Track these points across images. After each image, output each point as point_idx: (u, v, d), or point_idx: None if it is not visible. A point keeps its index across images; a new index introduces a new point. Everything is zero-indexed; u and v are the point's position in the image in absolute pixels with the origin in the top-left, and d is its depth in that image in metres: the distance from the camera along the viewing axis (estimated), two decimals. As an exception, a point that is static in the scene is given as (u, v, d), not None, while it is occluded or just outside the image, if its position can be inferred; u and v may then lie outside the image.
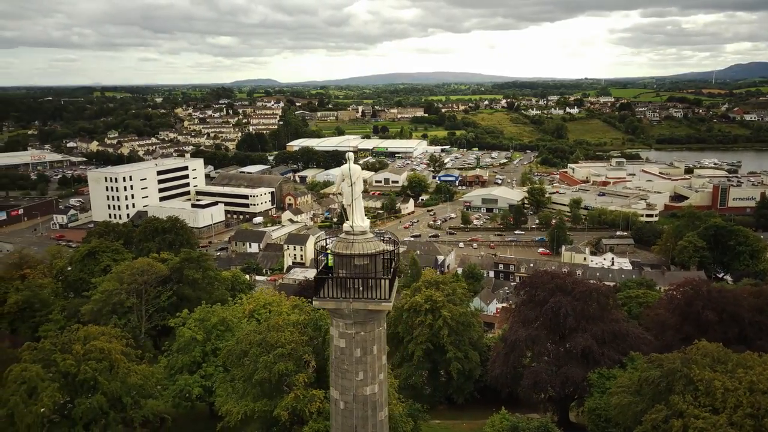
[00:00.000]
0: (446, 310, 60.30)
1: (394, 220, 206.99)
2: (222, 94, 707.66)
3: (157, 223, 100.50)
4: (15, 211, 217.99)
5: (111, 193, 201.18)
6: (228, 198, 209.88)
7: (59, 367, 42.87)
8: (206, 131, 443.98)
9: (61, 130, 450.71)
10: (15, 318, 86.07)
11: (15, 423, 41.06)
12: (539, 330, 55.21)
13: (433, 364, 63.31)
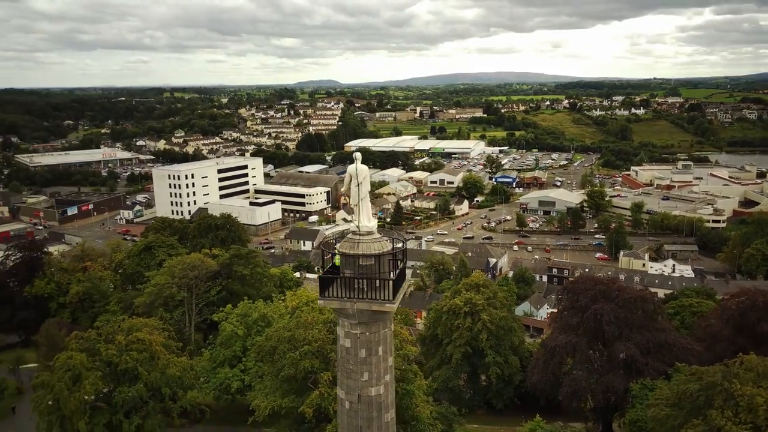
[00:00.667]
0: (486, 314, 59.51)
1: (447, 221, 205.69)
2: (284, 95, 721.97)
3: (211, 219, 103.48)
4: (85, 206, 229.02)
5: (174, 190, 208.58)
6: (285, 197, 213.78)
7: (102, 356, 44.79)
8: (268, 131, 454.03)
9: (132, 129, 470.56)
10: (76, 308, 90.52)
11: (60, 408, 43.22)
12: (580, 337, 53.67)
13: (473, 367, 62.62)
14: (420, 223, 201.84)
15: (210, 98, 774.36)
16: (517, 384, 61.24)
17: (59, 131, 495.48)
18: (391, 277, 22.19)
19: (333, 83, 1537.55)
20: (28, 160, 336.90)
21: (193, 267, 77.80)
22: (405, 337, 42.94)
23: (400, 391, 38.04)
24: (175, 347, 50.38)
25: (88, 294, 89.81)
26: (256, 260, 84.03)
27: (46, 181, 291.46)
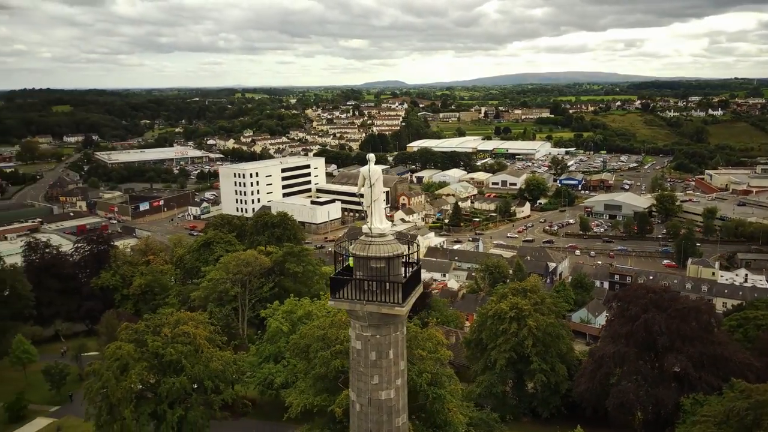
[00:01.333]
0: (532, 320, 58.17)
1: (507, 224, 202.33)
2: (351, 96, 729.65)
3: (267, 217, 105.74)
4: (156, 202, 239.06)
5: (239, 188, 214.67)
6: (345, 196, 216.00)
7: (149, 347, 46.58)
8: (333, 131, 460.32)
9: (204, 129, 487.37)
10: (138, 300, 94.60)
11: (109, 396, 45.23)
12: (629, 347, 51.69)
13: (518, 374, 61.37)
14: (479, 224, 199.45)
15: (279, 99, 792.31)
16: (564, 393, 59.54)
17: (136, 130, 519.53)
18: (401, 280, 22.00)
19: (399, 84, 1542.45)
20: (107, 158, 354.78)
21: (247, 263, 79.76)
22: (439, 340, 42.53)
23: (430, 395, 37.73)
24: (219, 341, 51.78)
25: (150, 287, 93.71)
26: (308, 258, 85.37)
27: (122, 177, 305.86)
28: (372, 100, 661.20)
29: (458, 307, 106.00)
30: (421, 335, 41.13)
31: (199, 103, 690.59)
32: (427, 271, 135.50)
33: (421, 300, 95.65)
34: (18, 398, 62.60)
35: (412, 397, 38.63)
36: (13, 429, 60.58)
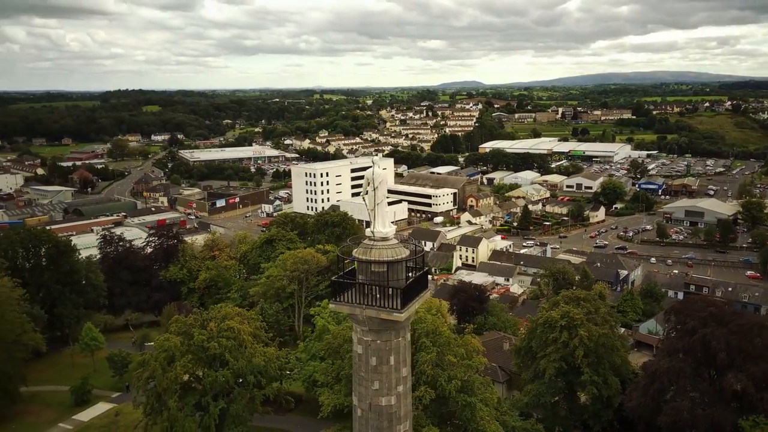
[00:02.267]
0: (584, 330, 55.97)
1: (580, 228, 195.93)
2: (426, 97, 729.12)
3: (328, 216, 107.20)
4: (232, 199, 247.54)
5: (309, 187, 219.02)
6: (412, 197, 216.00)
7: (195, 340, 48.18)
8: (405, 132, 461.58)
9: (281, 129, 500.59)
10: (203, 293, 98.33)
11: (156, 386, 47.17)
12: (685, 363, 48.78)
13: (570, 385, 59.25)
14: (549, 228, 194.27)
15: (356, 100, 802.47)
16: (617, 407, 56.98)
17: (219, 129, 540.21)
18: (400, 285, 21.65)
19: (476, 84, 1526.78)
20: (189, 156, 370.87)
21: (304, 261, 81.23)
22: (475, 347, 41.64)
23: (460, 403, 37.01)
24: (264, 338, 52.88)
25: (214, 281, 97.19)
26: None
27: (202, 175, 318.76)
28: (446, 101, 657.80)
29: (517, 312, 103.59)
30: (455, 341, 40.40)
31: (279, 104, 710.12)
32: (489, 274, 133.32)
33: (478, 304, 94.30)
34: (83, 383, 66.35)
35: (441, 403, 38.17)
36: (77, 411, 64.31)
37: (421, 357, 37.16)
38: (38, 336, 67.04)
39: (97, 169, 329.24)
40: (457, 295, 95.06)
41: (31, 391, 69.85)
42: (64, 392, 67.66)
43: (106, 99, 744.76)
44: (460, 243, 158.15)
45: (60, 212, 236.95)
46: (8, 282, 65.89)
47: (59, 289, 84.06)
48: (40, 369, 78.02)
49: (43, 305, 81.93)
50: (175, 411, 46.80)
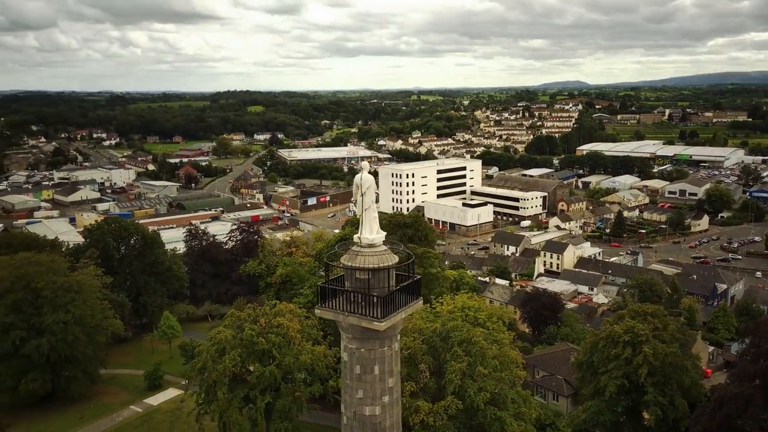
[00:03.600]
0: (649, 347, 52.44)
1: (679, 237, 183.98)
2: (524, 97, 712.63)
3: (400, 217, 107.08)
4: (323, 197, 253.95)
5: (395, 188, 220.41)
6: (500, 199, 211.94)
7: (245, 335, 49.67)
8: (499, 133, 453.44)
9: (376, 129, 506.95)
10: (279, 288, 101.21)
11: (207, 377, 49.10)
12: (757, 389, 44.43)
13: (634, 404, 55.78)
14: (644, 236, 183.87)
15: (452, 100, 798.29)
16: (684, 430, 52.99)
17: (317, 130, 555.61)
18: (382, 293, 21.13)
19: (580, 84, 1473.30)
20: (287, 155, 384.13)
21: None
22: (513, 359, 40.03)
23: (489, 416, 35.73)
24: (315, 336, 53.59)
25: (289, 277, 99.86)
26: (430, 261, 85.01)
27: (298, 173, 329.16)
28: (545, 101, 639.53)
29: (595, 324, 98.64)
30: (489, 352, 38.99)
31: (376, 105, 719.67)
32: (572, 282, 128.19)
33: (551, 313, 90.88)
34: (155, 369, 70.29)
35: (470, 414, 37.01)
36: (148, 395, 68.27)
37: (450, 366, 36.23)
38: (118, 322, 71.68)
39: (201, 166, 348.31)
40: (530, 302, 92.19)
41: (111, 373, 74.88)
42: (140, 376, 71.98)
43: (215, 99, 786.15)
44: (545, 248, 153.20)
45: (165, 206, 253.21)
46: (92, 270, 70.92)
47: (144, 278, 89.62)
48: (123, 353, 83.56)
49: (129, 293, 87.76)
50: (224, 402, 48.56)
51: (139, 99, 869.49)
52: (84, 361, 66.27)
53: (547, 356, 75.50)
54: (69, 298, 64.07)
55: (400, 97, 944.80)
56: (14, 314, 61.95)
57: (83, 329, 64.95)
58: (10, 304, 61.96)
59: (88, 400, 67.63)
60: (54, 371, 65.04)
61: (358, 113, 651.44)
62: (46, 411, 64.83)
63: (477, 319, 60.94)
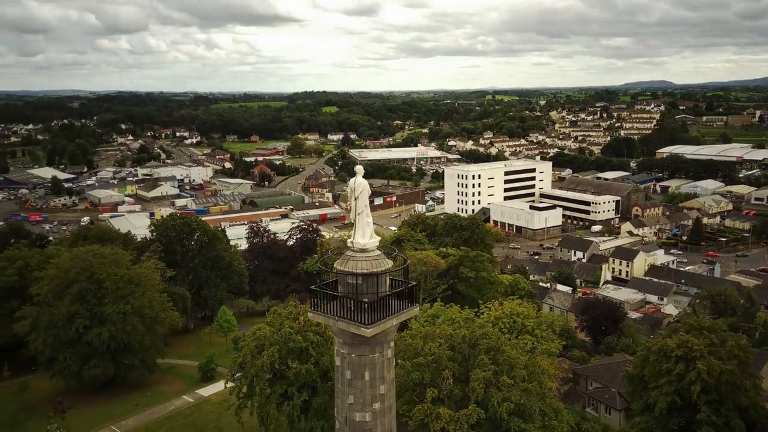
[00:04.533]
0: (703, 363, 49.57)
1: (763, 247, 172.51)
2: (604, 97, 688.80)
3: (457, 220, 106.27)
4: (389, 197, 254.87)
5: (461, 189, 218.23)
6: (569, 203, 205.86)
7: (283, 332, 50.51)
8: (575, 134, 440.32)
9: (447, 130, 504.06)
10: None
11: (246, 372, 50.31)
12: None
13: (685, 422, 52.82)
14: (724, 245, 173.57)
15: (528, 101, 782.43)
16: (741, 455, 49.69)
17: (388, 130, 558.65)
18: (371, 299, 20.90)
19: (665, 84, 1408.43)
20: (357, 155, 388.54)
21: (422, 263, 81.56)
22: (544, 370, 38.68)
23: (513, 428, 34.73)
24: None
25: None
26: (483, 264, 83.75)
27: (367, 173, 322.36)
28: (626, 102, 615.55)
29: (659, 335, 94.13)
30: (519, 363, 37.77)
31: (448, 105, 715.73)
32: (640, 291, 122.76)
33: (611, 323, 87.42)
34: (208, 361, 72.70)
35: (493, 425, 36.05)
36: (201, 387, 70.74)
37: (474, 374, 35.43)
38: (175, 314, 74.65)
39: (275, 165, 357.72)
40: (588, 310, 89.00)
41: (170, 363, 78.11)
42: (196, 368, 74.64)
43: (293, 100, 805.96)
44: (614, 255, 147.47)
45: (238, 203, 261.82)
46: (153, 264, 74.13)
47: (206, 273, 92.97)
48: (184, 344, 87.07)
49: (191, 287, 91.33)
50: (263, 397, 49.65)
51: (222, 99, 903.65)
52: (141, 351, 69.35)
53: (602, 367, 72.69)
54: (129, 290, 67.24)
55: (474, 97, 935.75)
56: (78, 303, 65.60)
57: (141, 320, 67.97)
58: (75, 293, 65.67)
59: (145, 387, 70.79)
60: (114, 359, 68.40)
61: (431, 114, 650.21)
62: (106, 396, 68.35)
63: (525, 326, 59.63)
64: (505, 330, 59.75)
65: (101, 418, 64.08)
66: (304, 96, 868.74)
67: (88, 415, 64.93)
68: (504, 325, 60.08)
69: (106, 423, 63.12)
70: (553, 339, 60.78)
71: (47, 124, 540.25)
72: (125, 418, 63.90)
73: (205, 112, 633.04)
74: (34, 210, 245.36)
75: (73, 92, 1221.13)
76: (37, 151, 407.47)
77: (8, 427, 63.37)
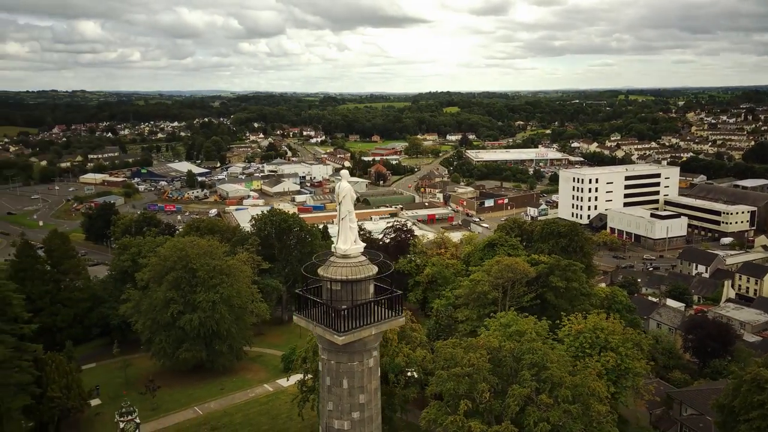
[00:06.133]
0: (802, 400, 43.80)
1: None
2: (752, 98, 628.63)
3: (554, 226, 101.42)
4: (501, 199, 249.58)
5: (576, 193, 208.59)
6: (697, 212, 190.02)
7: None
8: (713, 138, 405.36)
9: (571, 131, 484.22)
10: (426, 288, 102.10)
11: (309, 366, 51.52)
12: None
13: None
14: None
15: (665, 101, 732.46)
16: None
17: (509, 131, 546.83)
18: (346, 306, 20.53)
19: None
20: (474, 155, 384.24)
21: (510, 269, 78.95)
22: (593, 391, 35.91)
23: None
24: (419, 339, 53.40)
25: (435, 278, 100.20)
26: (576, 274, 79.30)
27: (482, 174, 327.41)
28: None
29: None
30: (568, 381, 35.34)
31: (575, 106, 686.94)
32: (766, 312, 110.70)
33: (720, 345, 79.80)
34: (290, 352, 75.05)
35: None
36: (282, 377, 73.32)
37: (512, 390, 33.70)
38: (264, 306, 78.11)
39: (391, 165, 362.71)
40: (694, 330, 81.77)
41: (259, 352, 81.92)
42: (280, 358, 77.65)
43: (416, 100, 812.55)
44: (741, 270, 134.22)
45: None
46: (244, 256, 78.06)
47: (300, 267, 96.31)
48: (276, 335, 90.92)
49: (287, 280, 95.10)
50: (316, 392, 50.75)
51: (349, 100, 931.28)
52: (229, 338, 73.25)
53: (698, 393, 66.60)
54: (219, 280, 71.34)
55: (604, 97, 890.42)
56: (174, 290, 70.61)
57: (230, 309, 71.86)
58: (171, 280, 70.74)
59: (231, 374, 74.74)
60: (207, 344, 72.85)
61: (555, 114, 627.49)
62: (195, 379, 73.03)
63: (608, 342, 56.15)
64: (586, 345, 56.88)
65: (188, 399, 68.55)
66: (428, 96, 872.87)
67: (177, 394, 69.76)
68: (585, 339, 57.15)
69: (192, 404, 67.43)
70: (639, 358, 56.82)
71: (190, 122, 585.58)
72: (209, 401, 67.86)
73: (331, 112, 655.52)
74: (169, 201, 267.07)
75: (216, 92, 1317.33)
76: (179, 147, 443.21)
77: (112, 399, 69.51)
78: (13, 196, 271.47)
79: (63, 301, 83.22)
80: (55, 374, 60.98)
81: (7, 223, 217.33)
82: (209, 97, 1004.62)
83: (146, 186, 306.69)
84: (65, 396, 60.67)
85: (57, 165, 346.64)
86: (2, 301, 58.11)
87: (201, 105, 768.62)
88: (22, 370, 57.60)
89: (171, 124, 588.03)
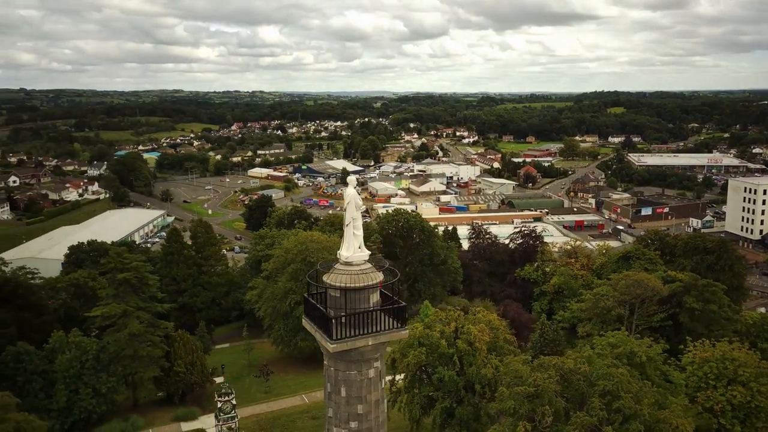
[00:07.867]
0: None
1: None
2: None
3: (699, 240, 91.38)
4: (661, 208, 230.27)
5: (747, 205, 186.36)
6: None
7: (430, 335, 50.49)
8: None
9: (754, 135, 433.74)
10: (553, 298, 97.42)
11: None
12: None
13: None
14: None
15: None
16: None
17: (680, 133, 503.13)
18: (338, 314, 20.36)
19: None
20: (636, 159, 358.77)
21: (638, 285, 73.19)
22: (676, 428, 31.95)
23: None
24: (507, 350, 51.29)
25: (562, 288, 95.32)
26: (716, 296, 71.02)
27: (642, 180, 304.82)
28: None
29: None
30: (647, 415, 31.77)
31: (762, 107, 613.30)
32: None
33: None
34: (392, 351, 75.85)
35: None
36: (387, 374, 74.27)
37: (575, 417, 31.11)
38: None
39: (543, 167, 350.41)
40: None
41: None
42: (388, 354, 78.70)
43: (579, 100, 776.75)
44: None
45: (497, 203, 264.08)
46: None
47: (421, 268, 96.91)
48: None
49: (407, 279, 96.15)
50: (409, 396, 50.80)
51: (508, 100, 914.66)
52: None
53: None
54: (333, 274, 74.02)
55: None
56: (293, 281, 74.49)
57: (342, 304, 74.27)
58: (291, 272, 74.76)
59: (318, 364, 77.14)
60: (320, 335, 75.99)
61: (737, 116, 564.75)
62: (308, 368, 76.33)
63: (737, 374, 50.60)
64: (711, 376, 51.61)
65: (298, 387, 71.98)
66: (592, 96, 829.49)
67: (290, 381, 73.60)
68: (711, 369, 51.78)
69: (301, 391, 70.72)
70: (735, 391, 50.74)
71: (351, 121, 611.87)
72: (316, 390, 70.54)
73: (487, 112, 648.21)
74: (324, 196, 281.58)
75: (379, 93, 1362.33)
76: (338, 145, 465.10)
77: (234, 378, 75.11)
78: (191, 186, 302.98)
79: (203, 284, 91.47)
80: (182, 351, 67.17)
81: (182, 210, 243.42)
82: (372, 98, 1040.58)
83: (305, 181, 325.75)
84: (189, 371, 66.67)
85: (229, 159, 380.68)
86: (140, 281, 65.10)
87: (363, 105, 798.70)
88: (153, 345, 64.35)
89: (334, 124, 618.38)
